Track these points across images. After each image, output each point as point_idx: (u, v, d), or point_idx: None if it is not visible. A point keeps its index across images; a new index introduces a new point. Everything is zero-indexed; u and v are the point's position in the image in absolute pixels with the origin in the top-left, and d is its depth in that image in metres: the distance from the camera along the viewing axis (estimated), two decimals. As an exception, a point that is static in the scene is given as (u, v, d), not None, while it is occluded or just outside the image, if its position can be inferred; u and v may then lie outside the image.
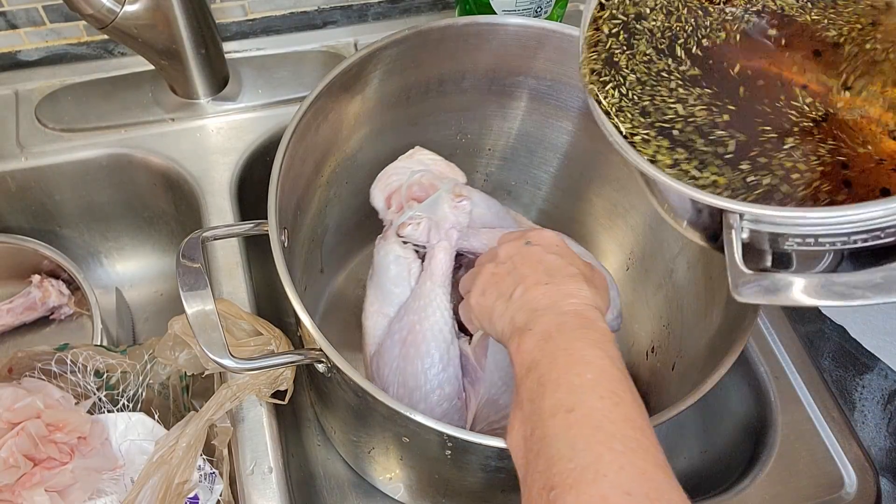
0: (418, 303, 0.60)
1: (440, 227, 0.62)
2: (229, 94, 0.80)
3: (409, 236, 0.62)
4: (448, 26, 0.63)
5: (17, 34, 0.79)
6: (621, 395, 0.38)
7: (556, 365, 0.40)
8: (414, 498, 0.68)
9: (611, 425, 0.36)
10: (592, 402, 0.37)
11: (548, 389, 0.39)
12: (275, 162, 0.54)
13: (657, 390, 0.68)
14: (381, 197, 0.66)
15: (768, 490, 0.61)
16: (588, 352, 0.40)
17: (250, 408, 0.60)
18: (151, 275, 0.89)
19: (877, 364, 0.65)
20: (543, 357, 0.41)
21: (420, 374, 0.58)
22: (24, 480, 0.50)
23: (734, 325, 0.53)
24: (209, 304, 0.49)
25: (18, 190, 0.77)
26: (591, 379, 0.38)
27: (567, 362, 0.40)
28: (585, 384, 0.38)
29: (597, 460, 0.34)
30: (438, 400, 0.58)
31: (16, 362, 0.59)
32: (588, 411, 0.37)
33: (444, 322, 0.59)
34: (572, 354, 0.40)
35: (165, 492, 0.51)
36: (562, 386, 0.38)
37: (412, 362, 0.58)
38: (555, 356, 0.41)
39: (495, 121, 0.74)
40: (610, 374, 0.39)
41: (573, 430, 0.36)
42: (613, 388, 0.38)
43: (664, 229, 0.68)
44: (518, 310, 0.46)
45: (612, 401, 0.37)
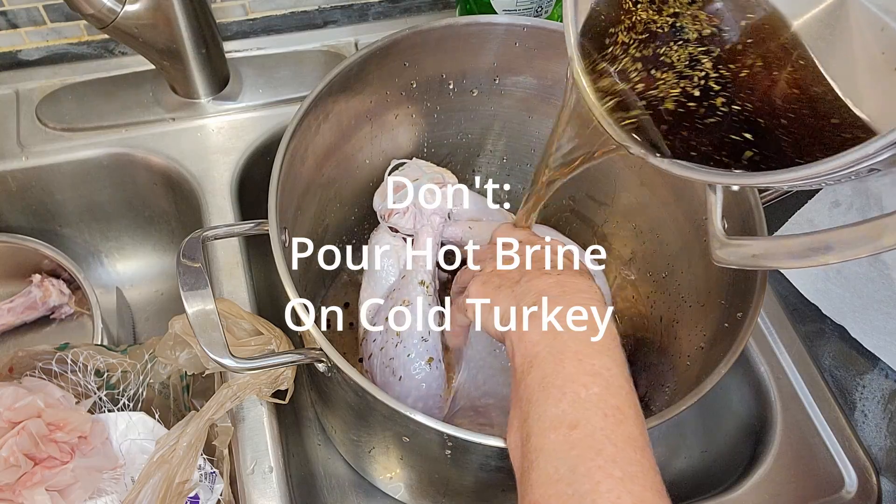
0: (403, 283, 0.65)
1: (423, 213, 0.67)
2: (230, 94, 0.80)
3: (397, 224, 0.68)
4: (448, 26, 0.63)
5: (17, 33, 0.79)
6: (625, 411, 0.37)
7: (563, 369, 0.39)
8: (414, 497, 0.68)
9: (612, 448, 0.35)
10: (596, 421, 0.36)
11: (551, 397, 0.38)
12: (275, 162, 0.54)
13: (657, 391, 0.68)
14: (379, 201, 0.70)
15: (768, 490, 0.62)
16: (597, 360, 0.39)
17: (251, 407, 0.60)
18: (152, 274, 0.89)
19: (877, 364, 0.65)
20: (550, 355, 0.40)
21: (402, 352, 0.60)
22: (24, 479, 0.50)
23: (734, 325, 0.53)
24: (209, 304, 0.49)
25: (19, 189, 0.77)
26: (597, 393, 0.37)
27: (575, 370, 0.39)
28: (591, 398, 0.37)
29: (594, 489, 0.34)
30: (418, 374, 0.60)
31: (16, 361, 0.59)
32: (591, 430, 0.36)
33: (425, 298, 0.63)
34: (582, 361, 0.39)
35: (166, 491, 0.51)
36: (566, 396, 0.37)
37: (395, 339, 0.61)
38: (562, 358, 0.39)
39: (495, 121, 0.74)
40: (616, 387, 0.38)
41: (574, 451, 0.35)
42: (618, 403, 0.37)
43: (665, 229, 0.68)
44: (525, 293, 0.44)
45: (616, 419, 0.37)
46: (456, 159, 0.79)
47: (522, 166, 0.79)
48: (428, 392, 0.61)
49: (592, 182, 0.75)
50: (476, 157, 0.79)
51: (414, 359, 0.61)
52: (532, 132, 0.74)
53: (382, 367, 0.62)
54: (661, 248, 0.69)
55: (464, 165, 0.80)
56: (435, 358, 0.61)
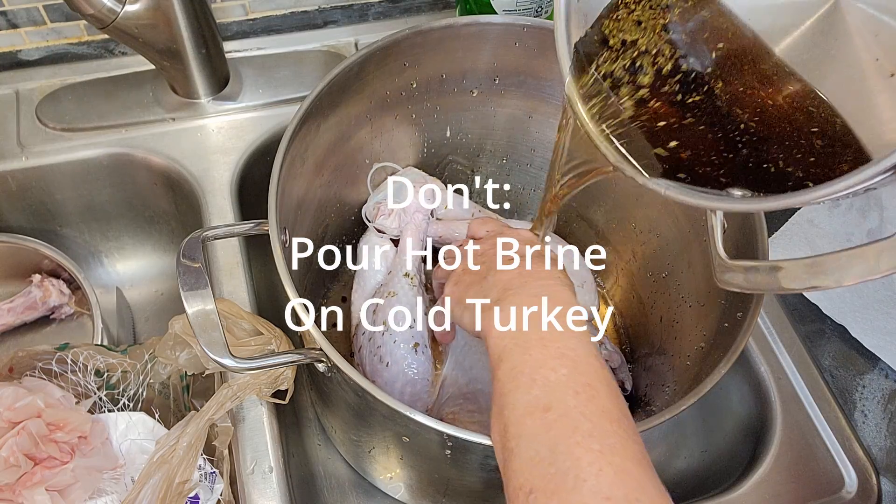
0: (390, 278, 0.68)
1: (407, 212, 0.71)
2: (230, 94, 0.80)
3: (382, 225, 0.72)
4: (448, 26, 0.63)
5: (17, 33, 0.79)
6: (596, 386, 0.38)
7: (531, 357, 0.40)
8: (414, 497, 0.68)
9: (588, 423, 0.36)
10: (568, 400, 0.37)
11: (522, 385, 0.39)
12: (275, 162, 0.54)
13: (657, 391, 0.68)
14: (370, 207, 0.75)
15: (768, 490, 0.62)
16: (562, 342, 0.40)
17: (251, 407, 0.60)
18: (152, 274, 0.89)
19: (877, 364, 0.65)
20: (517, 346, 0.41)
21: (388, 339, 0.63)
22: (24, 479, 0.50)
23: (734, 325, 0.53)
24: (209, 304, 0.49)
25: (19, 189, 0.77)
26: (566, 374, 0.38)
27: (542, 356, 0.40)
28: (561, 380, 0.38)
29: (576, 464, 0.34)
30: (404, 360, 0.62)
31: (16, 361, 0.59)
32: (565, 410, 0.37)
33: (410, 289, 0.66)
34: (547, 346, 0.40)
35: (166, 491, 0.51)
36: (537, 382, 0.38)
37: (381, 328, 0.64)
38: (528, 347, 0.40)
39: (495, 121, 0.74)
40: (584, 365, 0.39)
41: (552, 432, 0.36)
42: (588, 380, 0.38)
43: (665, 229, 0.68)
44: (491, 288, 0.46)
45: (588, 395, 0.37)
46: (456, 159, 0.79)
47: (522, 166, 0.79)
48: (415, 377, 0.62)
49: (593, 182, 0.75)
50: (476, 157, 0.79)
51: (400, 345, 0.62)
52: (532, 132, 0.74)
53: (371, 356, 0.64)
54: (661, 248, 0.69)
55: (464, 165, 0.80)
56: (421, 344, 0.63)
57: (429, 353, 0.63)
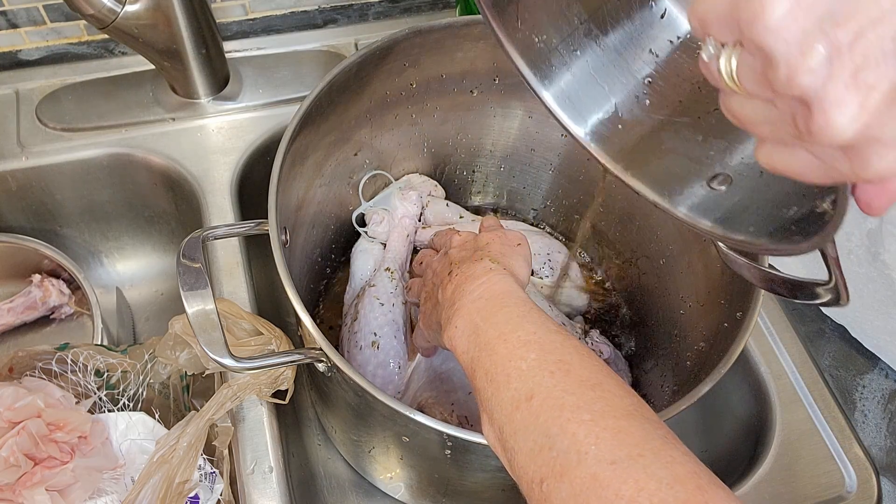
0: (374, 274, 0.71)
1: (394, 218, 0.74)
2: (230, 94, 0.80)
3: (372, 231, 0.74)
4: (448, 26, 0.63)
5: (17, 33, 0.79)
6: (567, 360, 0.38)
7: (497, 355, 0.40)
8: (414, 497, 0.68)
9: (571, 397, 0.36)
10: (546, 382, 0.37)
11: (500, 385, 0.39)
12: (275, 162, 0.54)
13: (657, 391, 0.68)
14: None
15: (768, 490, 0.62)
16: (520, 331, 0.41)
17: (251, 407, 0.60)
18: (152, 274, 0.89)
19: (877, 364, 0.66)
20: (481, 351, 0.41)
21: (364, 324, 0.65)
22: (24, 479, 0.50)
23: (734, 325, 0.53)
24: (210, 304, 0.49)
25: (19, 189, 0.77)
26: (535, 358, 0.39)
27: (507, 350, 0.40)
28: (532, 366, 0.39)
29: (573, 440, 0.34)
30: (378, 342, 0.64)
31: (16, 361, 0.59)
32: (546, 392, 0.37)
33: (390, 281, 0.68)
34: (507, 340, 0.40)
35: (166, 491, 0.51)
36: (511, 377, 0.39)
37: (357, 313, 0.66)
38: (491, 347, 0.41)
39: (495, 121, 0.74)
40: (549, 343, 0.40)
41: (542, 417, 0.36)
42: (558, 357, 0.39)
43: (665, 229, 0.68)
44: (443, 309, 0.47)
45: (563, 370, 0.38)
46: (456, 159, 0.79)
47: (522, 166, 0.79)
48: (386, 359, 0.63)
49: (591, 180, 0.75)
50: (476, 157, 0.79)
51: (375, 328, 0.64)
52: (532, 132, 0.74)
53: (348, 341, 0.65)
54: (660, 249, 0.69)
55: (464, 165, 0.80)
56: (395, 328, 0.65)
57: (402, 339, 0.65)
